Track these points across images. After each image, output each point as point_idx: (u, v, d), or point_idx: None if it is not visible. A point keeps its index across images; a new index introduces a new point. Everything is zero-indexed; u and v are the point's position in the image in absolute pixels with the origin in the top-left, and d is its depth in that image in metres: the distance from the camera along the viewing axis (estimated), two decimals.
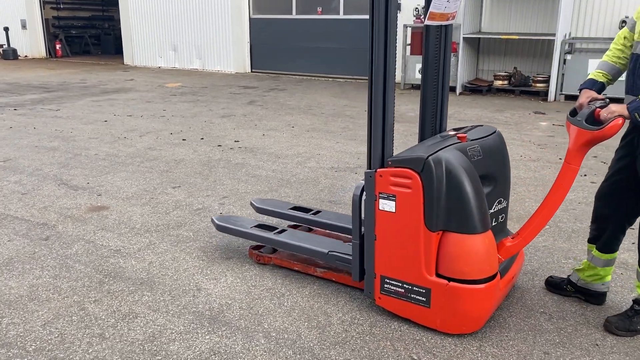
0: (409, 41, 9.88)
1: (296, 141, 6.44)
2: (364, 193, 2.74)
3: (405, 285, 2.67)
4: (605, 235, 2.71)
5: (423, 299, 2.62)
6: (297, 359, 2.49)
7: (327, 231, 3.57)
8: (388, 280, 2.72)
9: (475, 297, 2.53)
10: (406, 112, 8.07)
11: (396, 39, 2.61)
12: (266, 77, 12.13)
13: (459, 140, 2.69)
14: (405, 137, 6.57)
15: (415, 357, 2.49)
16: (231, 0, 12.45)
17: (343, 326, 2.73)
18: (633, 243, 3.56)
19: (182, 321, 2.80)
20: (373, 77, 2.60)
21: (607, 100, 2.53)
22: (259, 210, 3.84)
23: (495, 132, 2.92)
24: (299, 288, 3.11)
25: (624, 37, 2.62)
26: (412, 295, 2.66)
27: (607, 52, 2.69)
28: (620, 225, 2.67)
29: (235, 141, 6.48)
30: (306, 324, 2.76)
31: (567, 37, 8.74)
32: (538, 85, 9.04)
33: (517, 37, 8.94)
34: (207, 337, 2.67)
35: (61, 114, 8.19)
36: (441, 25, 3.04)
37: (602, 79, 2.65)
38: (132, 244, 3.72)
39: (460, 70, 9.29)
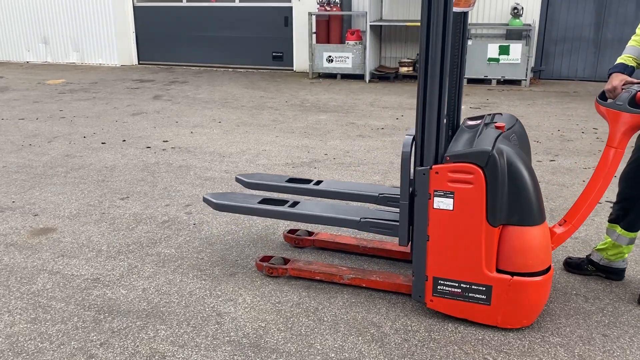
0: (314, 29, 9.75)
1: (231, 137, 6.04)
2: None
3: (462, 285, 2.56)
4: (631, 214, 2.82)
5: (483, 296, 2.54)
6: None
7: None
8: (442, 282, 2.60)
9: (537, 289, 2.50)
10: (328, 101, 7.97)
11: (447, 37, 2.44)
12: (158, 69, 11.31)
13: (500, 131, 2.63)
14: (342, 127, 6.46)
15: (491, 358, 2.40)
16: None
17: (400, 335, 2.56)
18: None
19: (221, 355, 2.44)
20: (429, 75, 2.41)
21: None
22: (250, 186, 3.43)
23: (517, 119, 2.91)
24: (329, 299, 2.87)
25: None
26: (470, 294, 2.56)
27: (634, 37, 2.77)
28: None
29: (163, 141, 5.91)
30: (360, 338, 2.55)
31: None
32: None
33: (419, 24, 9.21)
34: None
35: None
36: (462, 12, 2.93)
37: (632, 63, 2.72)
38: (109, 270, 3.20)
39: (368, 57, 9.38)
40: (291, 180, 3.40)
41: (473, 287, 2.54)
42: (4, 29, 12.54)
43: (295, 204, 3.05)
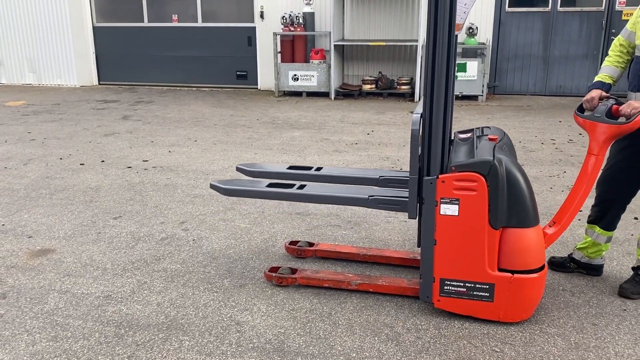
0: (279, 49, 9.97)
1: (211, 155, 6.14)
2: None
3: (467, 284, 2.79)
4: (608, 215, 3.13)
5: (486, 294, 2.77)
6: None
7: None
8: (448, 282, 2.82)
9: (535, 285, 2.75)
10: (298, 118, 8.17)
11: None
12: (120, 89, 11.23)
13: (494, 142, 2.89)
14: (317, 143, 6.66)
15: (498, 350, 2.62)
16: (69, 7, 11.26)
17: (412, 334, 2.76)
18: None
19: None
20: (435, 90, 2.65)
21: (616, 98, 2.94)
22: (252, 174, 3.49)
23: (505, 132, 3.18)
24: (340, 304, 3.04)
25: (620, 45, 3.05)
26: (475, 293, 2.79)
27: (608, 59, 3.09)
28: (623, 206, 3.11)
29: (143, 161, 5.95)
30: (376, 338, 2.73)
31: (424, 42, 9.63)
32: (403, 87, 9.81)
33: (384, 43, 9.59)
34: None
35: None
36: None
37: (609, 81, 3.04)
38: (118, 287, 3.26)
39: (333, 75, 9.66)
40: (292, 167, 3.50)
41: (477, 285, 2.77)
42: None
43: (302, 186, 3.15)
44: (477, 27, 9.62)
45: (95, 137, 7.08)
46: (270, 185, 3.19)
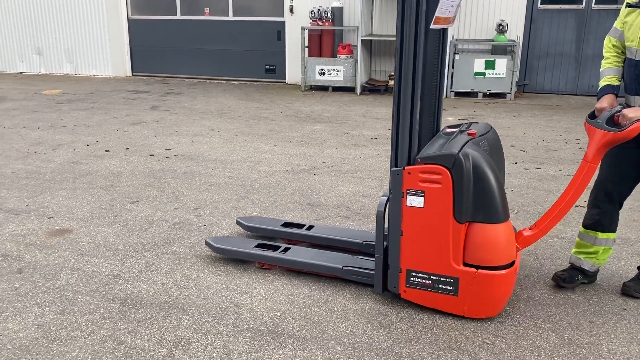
0: (307, 43, 10.04)
1: (231, 146, 6.26)
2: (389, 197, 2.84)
3: (432, 277, 2.80)
4: (610, 217, 3.00)
5: (451, 288, 2.78)
6: None
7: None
8: (414, 274, 2.84)
9: (501, 282, 2.73)
10: (321, 112, 8.23)
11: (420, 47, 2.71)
12: (152, 80, 11.50)
13: (471, 137, 2.88)
14: (337, 137, 6.71)
15: (489, 342, 2.64)
16: (106, 0, 11.59)
17: (406, 323, 2.79)
18: None
19: (242, 340, 2.65)
20: (402, 83, 2.72)
21: (625, 105, 2.86)
22: (249, 229, 3.81)
23: (491, 128, 3.14)
24: (338, 291, 3.10)
25: (613, 45, 2.96)
26: (440, 286, 2.80)
27: (607, 60, 2.98)
28: (621, 206, 3.02)
29: (166, 149, 6.11)
30: (369, 325, 2.77)
31: (453, 38, 9.55)
32: None
33: None
34: (280, 352, 2.56)
35: None
36: (441, 29, 3.20)
37: (617, 82, 2.94)
38: (127, 267, 3.39)
39: (359, 71, 9.68)
40: (286, 224, 3.76)
41: (442, 279, 2.79)
42: None
43: (287, 249, 3.36)
44: (507, 24, 9.47)
45: (122, 126, 7.29)
46: (258, 245, 3.42)
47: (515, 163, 5.63)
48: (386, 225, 2.92)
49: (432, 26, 3.11)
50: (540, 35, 9.80)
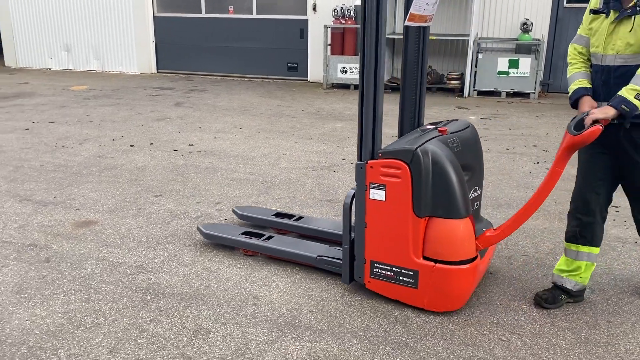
0: (329, 41, 10.08)
1: (253, 142, 6.33)
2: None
3: (394, 269, 2.85)
4: (591, 229, 2.87)
5: (411, 280, 2.82)
6: (398, 354, 2.54)
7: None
8: (377, 265, 2.90)
9: (459, 277, 2.75)
10: (343, 110, 8.26)
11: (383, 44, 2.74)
12: (177, 77, 11.67)
13: (441, 134, 2.89)
14: (356, 135, 6.73)
15: (505, 339, 2.65)
16: None
17: (422, 318, 2.82)
18: (614, 220, 4.06)
19: (260, 331, 2.70)
20: (365, 79, 2.78)
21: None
22: (243, 218, 3.94)
23: (469, 125, 3.14)
24: (355, 286, 3.13)
25: (579, 53, 2.87)
26: (401, 278, 2.85)
27: (574, 66, 2.88)
28: (604, 219, 2.89)
29: (189, 145, 6.21)
30: (385, 320, 2.81)
31: (476, 37, 9.49)
32: (452, 82, 9.70)
33: (434, 37, 9.53)
34: (297, 343, 2.61)
35: None
36: (420, 27, 3.21)
37: (589, 85, 2.83)
38: (150, 258, 3.47)
39: None
40: (277, 215, 3.89)
41: (403, 271, 2.83)
42: (28, 36, 12.97)
43: (269, 237, 3.47)
44: (532, 23, 9.38)
45: (147, 122, 7.43)
46: (244, 233, 3.55)
47: (537, 163, 5.59)
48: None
49: (406, 23, 3.12)
50: (566, 34, 9.67)
